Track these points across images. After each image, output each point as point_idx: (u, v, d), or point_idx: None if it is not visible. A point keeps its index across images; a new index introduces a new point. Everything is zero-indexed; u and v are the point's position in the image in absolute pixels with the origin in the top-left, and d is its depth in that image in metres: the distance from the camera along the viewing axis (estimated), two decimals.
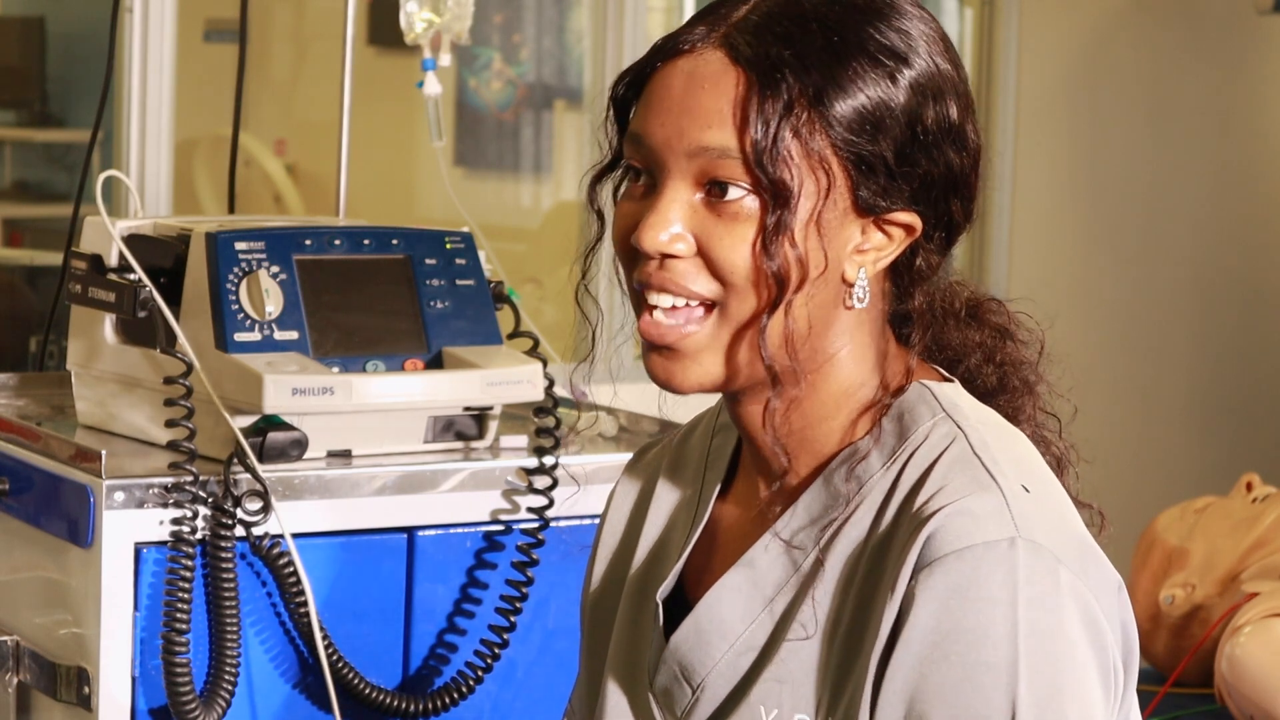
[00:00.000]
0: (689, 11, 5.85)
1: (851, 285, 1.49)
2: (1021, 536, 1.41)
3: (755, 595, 1.52)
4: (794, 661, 1.48)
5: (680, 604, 1.59)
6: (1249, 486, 2.82)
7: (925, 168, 1.48)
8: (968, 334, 1.59)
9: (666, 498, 1.67)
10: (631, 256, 1.49)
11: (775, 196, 1.44)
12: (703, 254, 1.46)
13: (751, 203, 1.45)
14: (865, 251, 1.48)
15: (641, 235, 1.46)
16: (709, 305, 1.47)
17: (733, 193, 1.45)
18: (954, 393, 1.53)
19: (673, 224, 1.46)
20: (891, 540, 1.45)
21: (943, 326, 1.58)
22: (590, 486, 2.34)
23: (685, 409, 1.68)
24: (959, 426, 1.48)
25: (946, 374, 1.56)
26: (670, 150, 1.46)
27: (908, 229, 1.49)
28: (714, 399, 1.66)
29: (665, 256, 1.47)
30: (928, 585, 1.40)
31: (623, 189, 1.53)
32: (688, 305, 1.47)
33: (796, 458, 1.53)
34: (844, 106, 1.44)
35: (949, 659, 1.40)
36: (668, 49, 1.49)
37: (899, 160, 1.46)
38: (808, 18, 1.46)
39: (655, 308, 1.48)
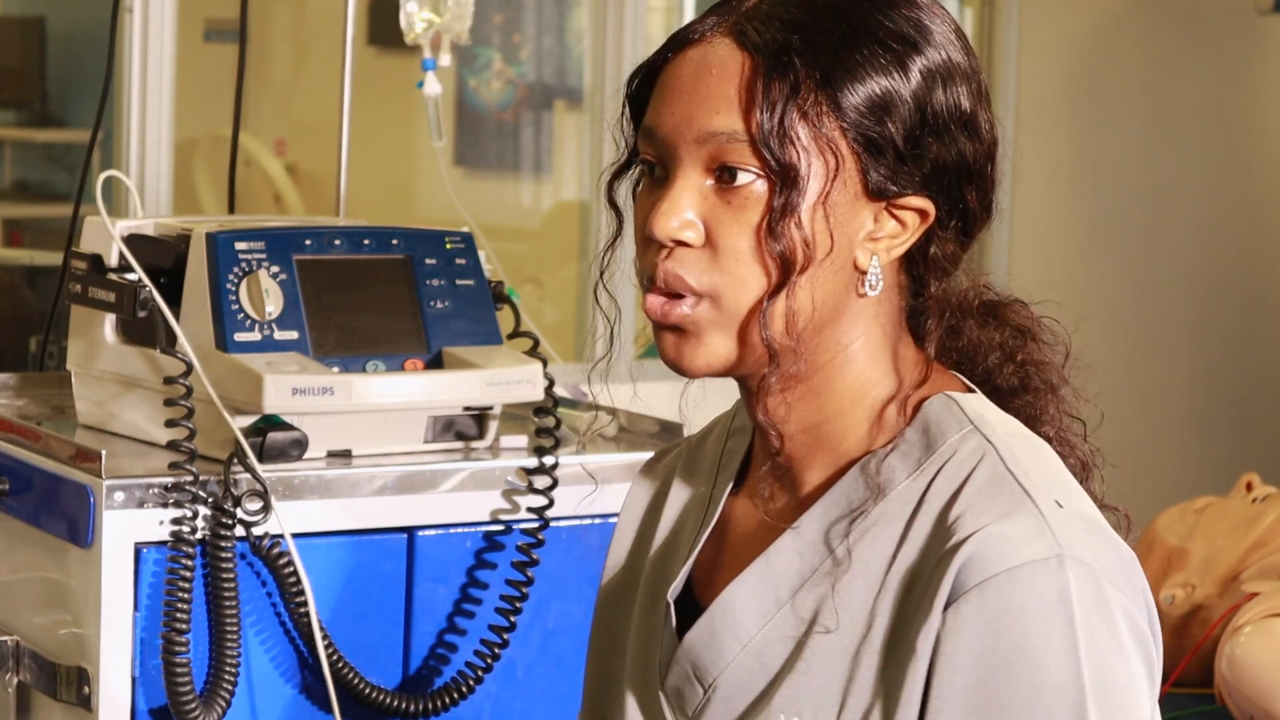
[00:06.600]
0: (689, 11, 5.85)
1: (864, 273, 1.49)
2: (1067, 554, 1.41)
3: (770, 595, 1.51)
4: (817, 665, 1.47)
5: (690, 604, 1.58)
6: (1249, 486, 2.82)
7: (936, 152, 1.48)
8: (987, 333, 1.59)
9: (679, 498, 1.67)
10: (645, 245, 1.50)
11: (783, 178, 1.44)
12: (710, 242, 1.47)
13: (760, 187, 1.46)
14: (879, 239, 1.49)
15: (654, 222, 1.47)
16: (705, 296, 1.47)
17: (741, 178, 1.46)
18: (979, 404, 1.52)
19: (684, 211, 1.47)
20: (925, 557, 1.44)
21: (961, 324, 1.57)
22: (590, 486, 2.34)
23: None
24: (988, 440, 1.48)
25: (968, 383, 1.56)
26: (680, 137, 1.47)
27: (921, 214, 1.49)
28: (727, 404, 1.67)
29: (676, 243, 1.47)
30: (977, 606, 1.40)
31: (640, 185, 1.53)
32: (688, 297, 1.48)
33: (813, 455, 1.53)
34: (852, 90, 1.45)
35: (1013, 680, 1.39)
36: (678, 40, 1.51)
37: (908, 144, 1.47)
38: (817, 4, 1.47)
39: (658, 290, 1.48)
